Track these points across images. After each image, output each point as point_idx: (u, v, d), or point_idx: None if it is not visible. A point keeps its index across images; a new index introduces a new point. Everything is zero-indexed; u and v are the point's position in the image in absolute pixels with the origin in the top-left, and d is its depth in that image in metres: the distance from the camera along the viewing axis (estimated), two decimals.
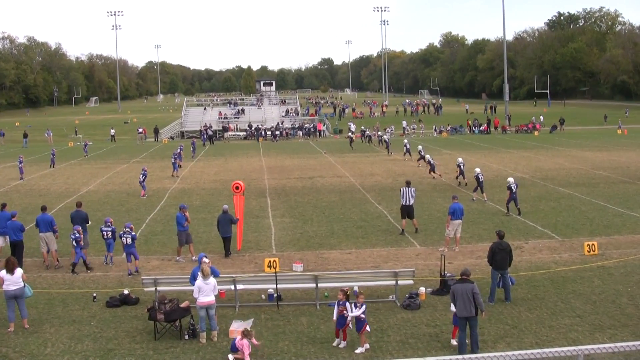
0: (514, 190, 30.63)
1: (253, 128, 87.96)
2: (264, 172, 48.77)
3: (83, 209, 25.66)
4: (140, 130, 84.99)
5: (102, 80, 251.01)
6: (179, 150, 52.48)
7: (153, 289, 18.97)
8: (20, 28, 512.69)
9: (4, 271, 17.67)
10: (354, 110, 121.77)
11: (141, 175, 39.46)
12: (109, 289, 20.70)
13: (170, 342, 16.42)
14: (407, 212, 27.73)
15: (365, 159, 56.86)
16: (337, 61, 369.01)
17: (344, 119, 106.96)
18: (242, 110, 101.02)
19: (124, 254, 22.88)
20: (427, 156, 46.78)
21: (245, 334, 15.02)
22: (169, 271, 22.64)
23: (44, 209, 24.78)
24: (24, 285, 17.74)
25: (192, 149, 61.11)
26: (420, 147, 52.92)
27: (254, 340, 15.07)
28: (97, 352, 15.89)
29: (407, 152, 55.44)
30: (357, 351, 15.48)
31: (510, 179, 31.20)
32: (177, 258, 24.01)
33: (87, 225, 24.99)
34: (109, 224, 23.72)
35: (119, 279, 22.01)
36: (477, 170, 34.77)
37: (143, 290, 19.54)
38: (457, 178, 40.99)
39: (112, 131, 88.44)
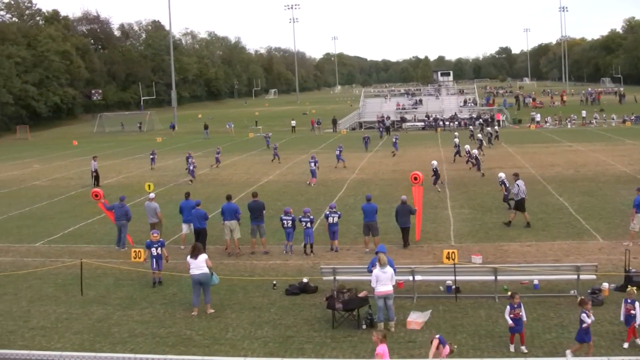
0: (507, 185, 30.40)
1: (431, 118, 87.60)
2: (442, 163, 48.32)
3: (262, 198, 26.67)
4: (320, 121, 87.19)
5: (281, 73, 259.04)
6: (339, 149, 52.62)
7: (332, 278, 19.41)
8: (202, 24, 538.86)
9: (189, 256, 18.79)
10: (534, 99, 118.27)
11: (312, 163, 41.30)
12: (289, 277, 21.38)
13: (348, 331, 16.75)
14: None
15: (545, 150, 55.26)
16: (515, 50, 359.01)
17: (524, 109, 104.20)
18: (420, 101, 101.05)
19: (302, 243, 23.66)
20: (474, 151, 45.32)
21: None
22: (348, 261, 23.08)
23: (229, 197, 26.03)
24: (210, 272, 18.69)
25: (364, 144, 60.51)
26: (456, 140, 50.91)
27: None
28: (276, 338, 16.51)
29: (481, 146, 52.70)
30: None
31: (502, 174, 31.33)
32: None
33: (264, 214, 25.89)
34: (289, 213, 24.55)
35: (298, 268, 22.71)
36: None
37: (322, 279, 20.01)
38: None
39: (293, 122, 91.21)
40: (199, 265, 18.53)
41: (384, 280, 16.61)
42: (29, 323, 18.28)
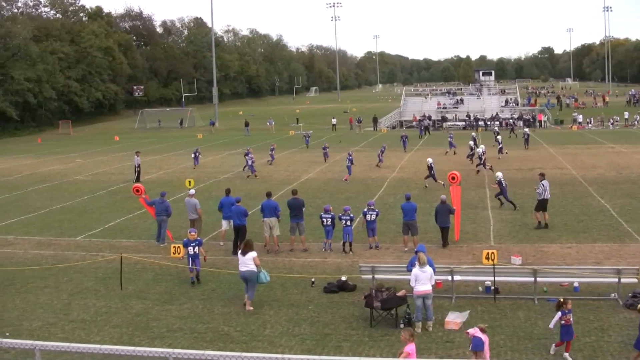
0: (504, 184, 31.60)
1: (472, 118, 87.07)
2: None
3: (301, 196, 26.72)
4: (361, 119, 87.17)
5: (322, 71, 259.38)
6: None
7: (370, 276, 19.40)
8: (244, 21, 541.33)
9: (239, 252, 19.10)
10: (576, 100, 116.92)
11: (348, 160, 42.87)
12: (327, 275, 21.41)
13: (386, 329, 16.72)
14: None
15: (587, 151, 54.69)
16: (558, 50, 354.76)
17: (565, 110, 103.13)
18: (461, 100, 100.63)
19: (342, 241, 23.70)
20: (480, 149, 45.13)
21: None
22: (387, 259, 23.04)
23: (269, 195, 26.08)
24: (257, 270, 18.74)
25: (403, 144, 59.58)
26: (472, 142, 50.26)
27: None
28: (314, 335, 16.53)
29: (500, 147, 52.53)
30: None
31: (499, 174, 32.27)
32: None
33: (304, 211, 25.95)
34: (329, 211, 24.59)
35: (337, 266, 22.71)
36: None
37: (360, 278, 19.98)
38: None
39: (334, 120, 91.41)
40: (246, 263, 18.67)
41: (423, 280, 16.56)
42: (69, 316, 18.55)
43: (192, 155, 52.22)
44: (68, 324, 17.85)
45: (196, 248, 21.05)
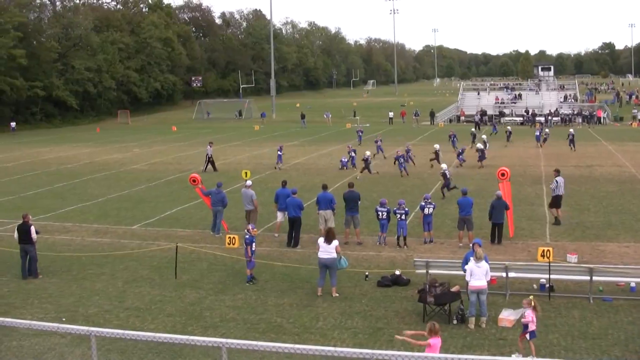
0: (449, 176, 33.80)
1: (530, 113, 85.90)
2: (540, 159, 47.66)
3: (357, 189, 26.68)
4: (419, 113, 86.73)
5: (380, 64, 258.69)
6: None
7: (424, 271, 19.34)
8: (302, 13, 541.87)
9: (322, 239, 19.38)
10: (637, 97, 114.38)
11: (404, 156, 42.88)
12: (381, 269, 21.40)
13: (439, 325, 16.63)
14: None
15: None
16: (619, 45, 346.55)
17: (625, 106, 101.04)
18: (519, 95, 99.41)
19: (395, 235, 23.73)
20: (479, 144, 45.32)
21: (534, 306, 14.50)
22: (441, 254, 22.92)
23: (324, 187, 26.12)
24: (339, 257, 19.24)
25: (452, 143, 58.18)
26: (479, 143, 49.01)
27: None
28: (366, 329, 16.55)
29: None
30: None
31: (444, 165, 34.97)
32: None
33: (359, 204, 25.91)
34: (385, 204, 24.55)
35: (391, 260, 22.68)
36: None
37: (414, 272, 19.96)
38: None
39: (391, 114, 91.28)
40: (329, 250, 19.04)
41: (478, 275, 16.48)
42: (123, 303, 18.88)
43: (278, 153, 46.95)
44: (123, 312, 18.17)
45: (254, 245, 20.63)
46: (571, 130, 56.93)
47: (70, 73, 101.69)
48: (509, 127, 60.83)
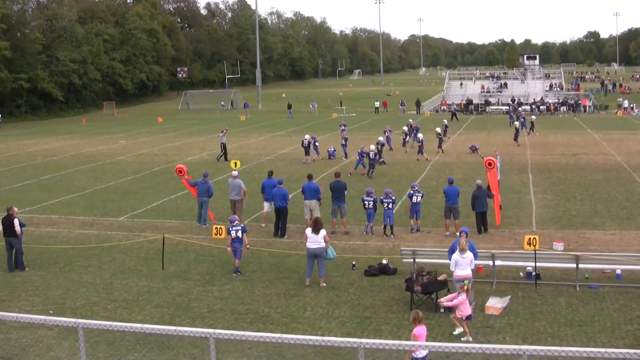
0: (372, 157, 36.84)
1: (515, 102, 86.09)
2: (526, 148, 47.80)
3: (344, 179, 26.72)
4: (404, 102, 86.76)
5: (365, 53, 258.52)
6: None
7: (411, 260, 19.37)
8: (287, 3, 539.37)
9: (309, 229, 19.39)
10: (621, 85, 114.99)
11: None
12: (368, 257, 21.43)
13: (426, 314, 16.48)
14: None
15: (632, 137, 53.72)
16: (604, 34, 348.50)
17: (610, 95, 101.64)
18: (505, 84, 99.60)
19: (383, 223, 23.77)
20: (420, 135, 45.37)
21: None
22: (428, 243, 22.96)
23: (310, 177, 26.26)
24: (327, 247, 19.32)
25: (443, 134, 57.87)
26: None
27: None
28: (354, 318, 16.58)
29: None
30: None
31: (372, 146, 37.63)
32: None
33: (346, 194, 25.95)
34: (371, 194, 24.57)
35: (378, 249, 22.72)
36: None
37: (401, 261, 19.99)
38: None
39: (377, 103, 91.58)
40: (317, 240, 19.08)
41: (463, 265, 16.62)
42: (111, 295, 18.83)
43: (308, 143, 43.55)
44: (110, 303, 18.12)
45: (239, 232, 20.47)
46: (532, 117, 58.11)
47: (55, 65, 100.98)
48: (533, 117, 60.70)
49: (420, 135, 44.86)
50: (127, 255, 22.87)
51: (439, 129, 48.24)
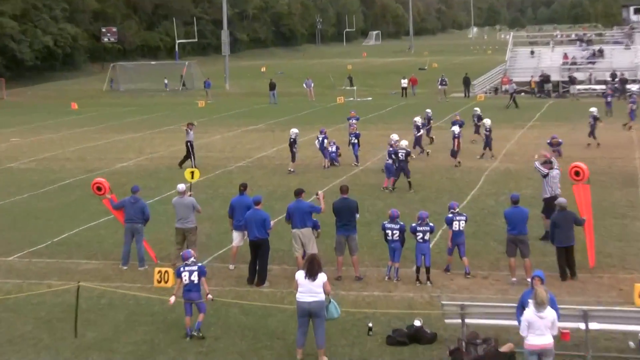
0: (402, 158, 37.07)
1: (617, 79, 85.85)
2: (634, 149, 47.66)
3: (354, 195, 26.63)
4: (446, 81, 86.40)
5: (387, 7, 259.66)
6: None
7: (459, 320, 19.16)
8: None
9: (301, 273, 18.63)
10: None
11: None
12: (392, 316, 21.15)
13: None
14: None
15: None
16: None
17: None
18: (600, 52, 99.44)
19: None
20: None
21: None
22: (484, 294, 22.79)
23: (298, 193, 25.97)
24: (328, 301, 18.65)
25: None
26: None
27: None
28: None
29: None
30: None
31: (404, 142, 38.67)
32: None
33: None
34: (396, 218, 24.40)
35: (408, 303, 22.47)
36: None
37: (443, 322, 19.79)
38: None
39: (404, 81, 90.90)
40: (314, 290, 18.37)
41: (540, 328, 16.28)
42: None
43: (317, 142, 44.72)
44: None
45: (194, 275, 20.18)
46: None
47: None
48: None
49: (456, 129, 43.94)
50: (19, 315, 22.52)
51: (418, 119, 47.55)
